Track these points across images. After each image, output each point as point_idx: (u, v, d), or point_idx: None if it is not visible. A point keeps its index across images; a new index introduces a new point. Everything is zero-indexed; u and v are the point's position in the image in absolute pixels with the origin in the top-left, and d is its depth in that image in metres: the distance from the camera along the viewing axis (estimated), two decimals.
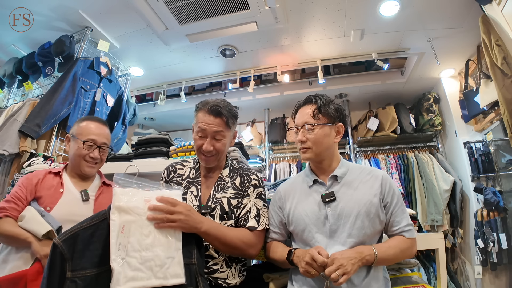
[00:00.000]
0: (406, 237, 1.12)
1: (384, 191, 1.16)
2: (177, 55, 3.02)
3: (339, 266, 0.96)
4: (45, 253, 1.11)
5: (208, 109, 1.24)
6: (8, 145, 2.07)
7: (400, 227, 1.13)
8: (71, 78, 2.34)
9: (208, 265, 1.17)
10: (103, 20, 2.53)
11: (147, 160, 2.05)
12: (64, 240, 0.86)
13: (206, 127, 1.23)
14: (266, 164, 3.64)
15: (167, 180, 1.33)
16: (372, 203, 1.13)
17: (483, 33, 2.02)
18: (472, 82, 2.80)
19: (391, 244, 1.11)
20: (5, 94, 2.99)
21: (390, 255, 1.08)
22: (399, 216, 1.14)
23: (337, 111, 1.22)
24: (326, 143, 1.20)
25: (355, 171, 1.23)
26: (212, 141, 1.24)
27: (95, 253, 0.87)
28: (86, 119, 1.47)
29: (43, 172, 1.38)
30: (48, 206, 1.27)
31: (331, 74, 3.48)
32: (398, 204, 1.16)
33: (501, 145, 2.74)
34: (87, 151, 1.39)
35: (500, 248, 2.45)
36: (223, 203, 1.25)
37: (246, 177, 1.34)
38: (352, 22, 2.53)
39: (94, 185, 1.47)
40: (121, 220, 0.88)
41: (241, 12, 2.29)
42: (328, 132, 1.20)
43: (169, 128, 4.50)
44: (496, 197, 2.53)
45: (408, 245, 1.12)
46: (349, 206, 1.13)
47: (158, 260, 0.89)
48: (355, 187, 1.17)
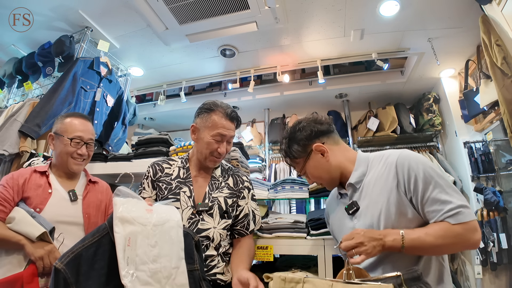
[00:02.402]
0: (452, 223, 0.87)
1: (402, 180, 0.94)
2: (177, 55, 3.02)
3: (358, 244, 0.87)
4: (40, 255, 1.10)
5: (228, 114, 1.26)
6: (8, 145, 2.07)
7: (439, 216, 0.88)
8: (71, 78, 2.33)
9: (206, 263, 1.18)
10: (103, 20, 2.53)
11: (147, 160, 2.04)
12: (66, 263, 0.79)
13: (227, 133, 1.25)
14: (266, 164, 3.64)
15: (154, 180, 1.30)
16: (390, 202, 0.94)
17: (483, 33, 2.02)
18: (472, 82, 2.80)
19: (430, 230, 0.88)
20: (5, 94, 2.99)
21: (426, 243, 0.87)
22: (433, 203, 0.89)
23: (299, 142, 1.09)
24: (322, 170, 1.09)
25: (375, 165, 1.04)
26: (225, 144, 1.27)
27: (101, 272, 0.82)
28: (69, 116, 1.43)
29: (28, 171, 1.33)
30: (38, 207, 1.23)
31: (331, 74, 3.47)
32: (428, 189, 0.90)
33: (501, 145, 2.74)
34: (74, 149, 1.36)
35: (500, 248, 2.45)
36: (220, 202, 1.28)
37: (239, 178, 1.38)
38: (352, 22, 2.53)
39: (81, 184, 1.44)
40: (126, 232, 0.84)
41: (241, 12, 2.29)
42: (313, 164, 1.09)
43: (169, 128, 4.50)
44: (496, 197, 2.53)
45: (456, 232, 0.86)
46: (370, 212, 0.98)
47: (165, 272, 0.87)
48: (374, 185, 1.00)
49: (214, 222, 1.24)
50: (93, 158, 2.27)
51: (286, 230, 1.55)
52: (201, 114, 1.29)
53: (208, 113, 1.26)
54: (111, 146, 2.59)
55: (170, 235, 0.94)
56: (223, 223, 1.26)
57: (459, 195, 0.90)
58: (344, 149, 1.13)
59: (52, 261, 1.11)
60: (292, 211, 3.29)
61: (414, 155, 0.96)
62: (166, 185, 1.28)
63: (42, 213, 1.23)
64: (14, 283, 1.01)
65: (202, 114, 1.28)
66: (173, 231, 0.95)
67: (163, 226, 0.93)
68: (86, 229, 1.33)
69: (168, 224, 0.94)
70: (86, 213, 1.36)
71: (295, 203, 3.28)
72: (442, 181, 0.91)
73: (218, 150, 1.25)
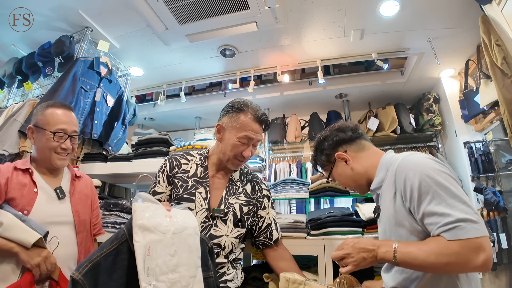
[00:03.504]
0: (447, 238, 0.75)
1: (399, 190, 0.88)
2: (177, 55, 3.02)
3: (346, 255, 0.88)
4: (36, 262, 1.03)
5: (258, 117, 1.20)
6: (8, 145, 2.07)
7: (435, 229, 0.78)
8: (71, 78, 2.33)
9: (216, 269, 1.15)
10: (103, 20, 2.53)
11: (147, 160, 2.05)
12: (84, 273, 0.76)
13: (254, 137, 1.20)
14: (266, 164, 3.64)
15: (170, 175, 1.24)
16: (390, 212, 0.92)
17: (483, 33, 2.02)
18: (472, 82, 2.80)
19: (425, 246, 0.79)
20: (5, 94, 2.99)
21: (419, 259, 0.78)
22: (430, 216, 0.80)
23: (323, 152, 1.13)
24: (348, 178, 1.09)
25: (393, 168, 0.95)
26: (251, 147, 1.22)
27: (119, 282, 0.79)
28: (50, 106, 1.30)
29: (9, 169, 1.19)
30: (25, 209, 1.13)
31: (331, 74, 3.47)
32: (424, 200, 0.81)
33: (501, 145, 2.74)
34: (57, 143, 1.24)
35: (500, 248, 2.45)
36: (236, 209, 1.23)
37: (257, 185, 1.33)
38: (352, 22, 2.53)
39: (66, 180, 1.34)
40: (145, 240, 0.81)
41: (241, 12, 2.29)
42: (339, 172, 1.11)
43: (169, 128, 4.51)
44: (496, 197, 2.52)
45: (452, 249, 0.74)
46: (384, 219, 0.98)
47: (184, 281, 0.85)
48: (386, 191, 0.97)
49: (227, 230, 1.19)
50: (93, 158, 2.28)
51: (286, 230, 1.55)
52: (229, 113, 1.21)
53: (237, 113, 1.19)
54: (111, 146, 2.59)
55: (188, 243, 0.92)
56: (236, 231, 1.21)
57: (465, 207, 0.77)
58: (372, 154, 1.07)
59: (48, 267, 1.06)
60: (292, 211, 3.30)
61: (414, 162, 0.88)
62: (182, 182, 1.22)
63: (30, 215, 1.13)
64: None
65: (231, 113, 1.21)
66: (191, 238, 0.93)
67: (182, 233, 0.90)
68: (77, 227, 1.27)
69: (186, 231, 0.92)
70: (75, 210, 1.28)
71: (295, 203, 3.29)
72: (443, 191, 0.80)
73: (243, 153, 1.19)
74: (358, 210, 1.69)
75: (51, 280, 1.09)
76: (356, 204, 1.79)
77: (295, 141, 3.75)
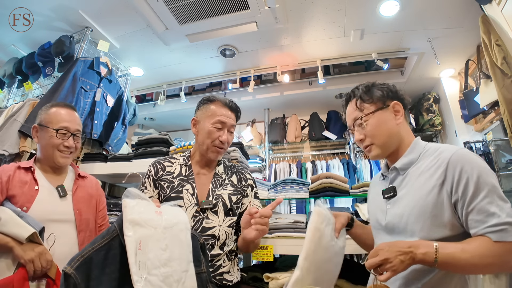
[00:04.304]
0: (493, 239, 0.77)
1: (451, 179, 0.85)
2: (177, 55, 3.02)
3: (383, 261, 0.80)
4: (30, 257, 1.03)
5: (227, 103, 1.30)
6: (8, 145, 2.07)
7: (481, 228, 0.79)
8: (71, 78, 2.33)
9: (212, 263, 1.17)
10: (103, 20, 2.53)
11: (147, 160, 2.05)
12: (76, 267, 0.75)
13: (226, 121, 1.27)
14: (266, 164, 3.64)
15: (155, 179, 1.27)
16: (428, 199, 0.87)
17: (483, 33, 2.02)
18: (472, 82, 2.80)
19: (468, 246, 0.79)
20: (5, 94, 2.99)
21: (462, 261, 0.77)
22: (479, 213, 0.80)
23: (383, 90, 1.04)
24: (386, 130, 1.00)
25: (427, 156, 0.95)
26: (227, 132, 1.28)
27: (112, 276, 0.79)
28: (54, 106, 1.35)
29: (12, 167, 1.24)
30: (24, 206, 1.16)
31: (331, 74, 3.47)
32: (477, 196, 0.80)
33: (501, 145, 2.74)
34: (60, 140, 1.28)
35: None
36: (225, 199, 1.26)
37: (242, 175, 1.37)
38: (352, 22, 2.53)
39: (69, 179, 1.36)
40: (136, 235, 0.81)
41: (241, 12, 2.29)
42: (383, 118, 1.01)
43: (169, 128, 4.51)
44: None
45: (496, 251, 0.76)
46: (405, 203, 0.93)
47: (176, 275, 0.86)
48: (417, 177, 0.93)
49: (219, 220, 1.23)
50: (93, 158, 2.29)
51: (286, 230, 1.55)
52: (200, 106, 1.32)
53: (208, 104, 1.30)
54: (111, 146, 2.59)
55: (180, 238, 0.92)
56: (228, 220, 1.24)
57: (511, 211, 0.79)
58: (409, 131, 1.06)
59: (43, 264, 1.05)
60: (292, 211, 3.30)
61: (472, 156, 0.87)
62: (168, 183, 1.26)
63: (29, 211, 1.15)
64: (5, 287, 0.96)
65: (202, 105, 1.32)
66: (182, 233, 0.94)
67: (173, 228, 0.91)
68: (78, 226, 1.27)
69: (177, 226, 0.93)
70: (77, 208, 1.29)
71: (295, 203, 3.29)
72: (496, 192, 0.81)
73: (219, 138, 1.25)
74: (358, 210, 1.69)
75: (48, 278, 1.07)
76: (356, 204, 1.79)
77: (295, 141, 3.75)
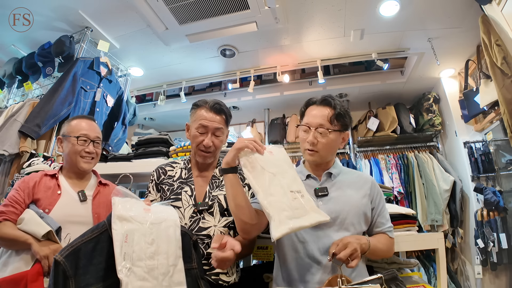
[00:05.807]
0: (390, 236, 1.19)
1: (373, 194, 1.22)
2: (177, 55, 3.01)
3: (353, 251, 0.98)
4: (45, 253, 1.13)
5: (210, 106, 1.29)
6: (8, 145, 2.07)
7: (385, 227, 1.20)
8: (71, 79, 2.33)
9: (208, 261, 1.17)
10: (103, 20, 2.53)
11: (147, 160, 2.05)
12: (66, 256, 0.82)
13: (208, 124, 1.27)
14: None
15: (157, 183, 1.33)
16: (362, 203, 1.17)
17: (483, 33, 2.02)
18: (472, 82, 2.80)
19: (380, 239, 1.17)
20: (5, 94, 2.99)
21: (378, 249, 1.12)
22: (384, 218, 1.21)
23: (350, 120, 1.24)
24: (333, 148, 1.22)
25: (346, 173, 1.28)
26: (212, 137, 1.29)
27: (99, 267, 0.85)
28: (76, 118, 1.50)
29: (39, 174, 1.39)
30: (47, 208, 1.28)
31: (331, 74, 3.47)
32: (384, 208, 1.23)
33: (501, 145, 2.74)
34: (82, 147, 1.41)
35: (500, 248, 2.45)
36: (221, 200, 1.29)
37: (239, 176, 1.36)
38: (352, 22, 2.53)
39: (91, 185, 1.48)
40: (123, 229, 0.87)
41: (241, 12, 2.29)
42: (336, 139, 1.20)
43: (169, 128, 4.50)
44: (496, 197, 2.53)
45: (391, 245, 1.20)
46: (340, 203, 1.15)
47: (162, 268, 0.90)
48: (347, 186, 1.21)
49: (215, 220, 1.26)
50: None
51: None
52: (190, 111, 1.35)
53: (194, 109, 1.32)
54: (111, 146, 2.59)
55: (168, 234, 0.96)
56: (223, 220, 1.27)
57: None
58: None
59: None
60: None
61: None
62: (169, 186, 1.31)
63: (51, 213, 1.27)
64: (19, 281, 1.02)
65: (191, 111, 1.34)
66: (171, 230, 0.97)
67: (160, 224, 0.95)
68: None
69: (165, 223, 0.97)
70: (95, 213, 1.38)
71: None
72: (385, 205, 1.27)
73: (203, 143, 1.27)
74: None
75: None
76: None
77: (295, 141, 3.75)
